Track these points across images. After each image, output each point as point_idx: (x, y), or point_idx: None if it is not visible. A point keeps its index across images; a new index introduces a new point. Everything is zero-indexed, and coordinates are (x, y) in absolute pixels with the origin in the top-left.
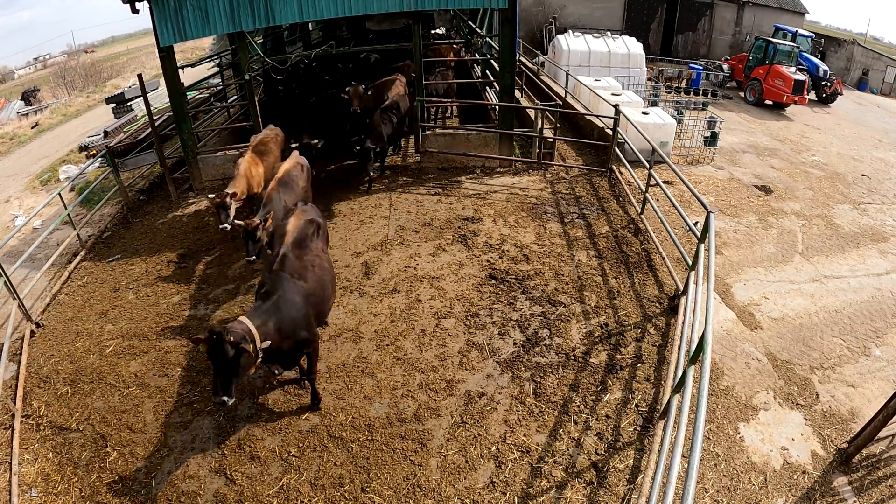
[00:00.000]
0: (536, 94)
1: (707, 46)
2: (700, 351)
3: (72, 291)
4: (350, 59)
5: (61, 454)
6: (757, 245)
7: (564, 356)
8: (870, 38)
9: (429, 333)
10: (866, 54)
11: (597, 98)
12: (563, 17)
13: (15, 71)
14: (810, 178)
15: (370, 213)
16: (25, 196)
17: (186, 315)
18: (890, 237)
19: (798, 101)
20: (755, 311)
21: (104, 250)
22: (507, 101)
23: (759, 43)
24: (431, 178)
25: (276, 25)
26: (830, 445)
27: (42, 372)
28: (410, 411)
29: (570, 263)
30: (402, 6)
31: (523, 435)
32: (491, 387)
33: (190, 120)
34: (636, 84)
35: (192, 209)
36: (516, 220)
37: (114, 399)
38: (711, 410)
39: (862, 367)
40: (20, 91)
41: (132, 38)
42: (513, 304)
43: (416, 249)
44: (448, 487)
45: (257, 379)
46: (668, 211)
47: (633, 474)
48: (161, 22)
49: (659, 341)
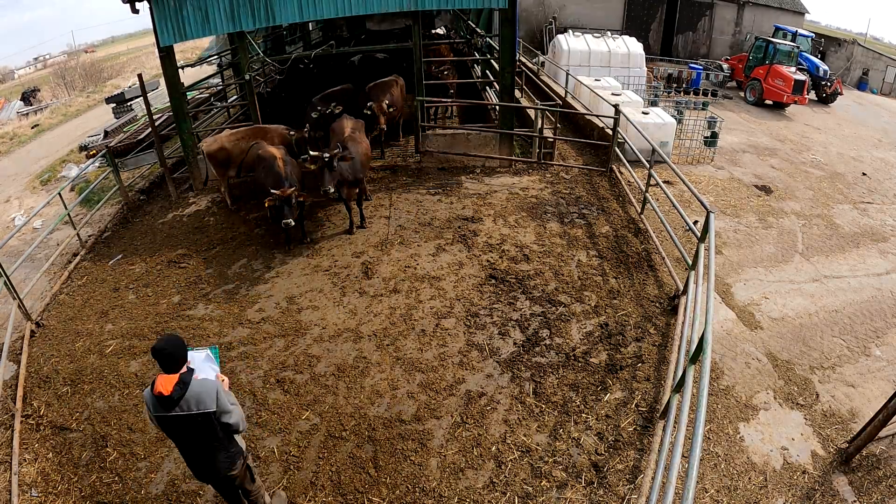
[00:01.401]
0: (536, 94)
1: (707, 46)
2: (700, 351)
3: (72, 291)
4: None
5: (61, 454)
6: (757, 245)
7: (564, 356)
8: (870, 37)
9: (429, 333)
10: (866, 54)
11: (597, 98)
12: (563, 16)
13: (15, 71)
14: (810, 177)
15: (370, 213)
16: (25, 196)
17: (186, 315)
18: (890, 237)
19: (798, 101)
20: (755, 311)
21: (104, 250)
22: (507, 101)
23: (759, 43)
24: (431, 178)
25: (276, 25)
26: (830, 445)
27: (42, 372)
28: (411, 411)
29: (571, 263)
30: (402, 6)
31: (523, 435)
32: (491, 387)
33: (190, 120)
34: (636, 84)
35: (192, 209)
36: (516, 219)
37: (114, 399)
38: (711, 410)
39: (862, 366)
40: (20, 91)
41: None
42: (513, 304)
43: (416, 249)
44: (448, 487)
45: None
46: (668, 211)
47: (633, 474)
48: (161, 22)
49: (659, 341)
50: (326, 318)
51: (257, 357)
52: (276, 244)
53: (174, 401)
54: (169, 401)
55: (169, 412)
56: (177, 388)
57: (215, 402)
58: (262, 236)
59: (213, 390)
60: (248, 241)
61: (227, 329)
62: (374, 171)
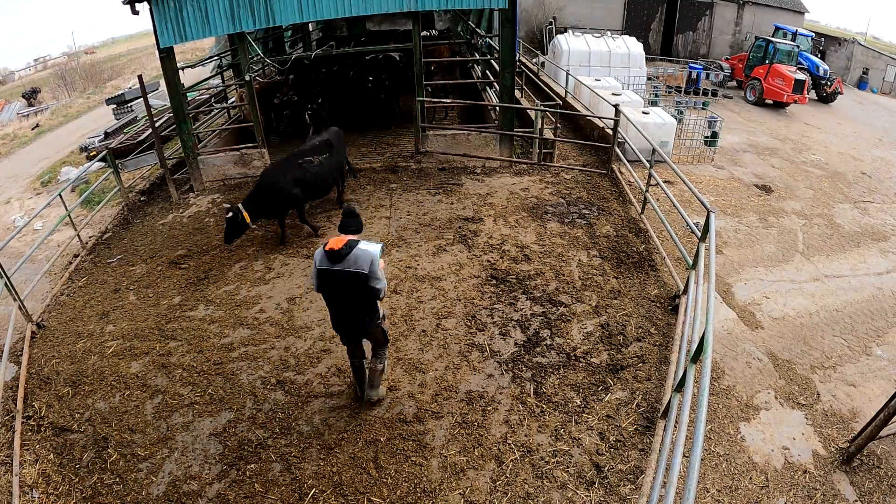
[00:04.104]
0: (536, 94)
1: (707, 46)
2: (701, 350)
3: (72, 292)
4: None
5: (62, 455)
6: (757, 244)
7: (565, 356)
8: (870, 37)
9: (429, 334)
10: (866, 53)
11: (597, 98)
12: (563, 17)
13: (15, 72)
14: (811, 177)
15: (370, 214)
16: (26, 197)
17: (187, 316)
18: (890, 236)
19: (798, 101)
20: (756, 311)
21: (105, 251)
22: (508, 101)
23: (760, 42)
24: (432, 178)
25: (276, 26)
26: (832, 445)
27: (43, 373)
28: (411, 412)
29: (571, 263)
30: (402, 6)
31: (524, 435)
32: (492, 387)
33: (190, 121)
34: (636, 84)
35: (193, 210)
36: (517, 220)
37: (115, 400)
38: (712, 410)
39: (863, 366)
40: (20, 92)
41: (132, 39)
42: (514, 304)
43: (416, 250)
44: (449, 488)
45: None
46: (668, 210)
47: (634, 474)
48: (161, 23)
49: (660, 341)
50: (327, 318)
51: (258, 358)
52: (276, 245)
53: (342, 255)
54: (337, 255)
55: (333, 266)
56: (345, 246)
57: (368, 267)
58: (262, 237)
59: (369, 258)
60: (248, 242)
61: (227, 330)
62: (374, 170)
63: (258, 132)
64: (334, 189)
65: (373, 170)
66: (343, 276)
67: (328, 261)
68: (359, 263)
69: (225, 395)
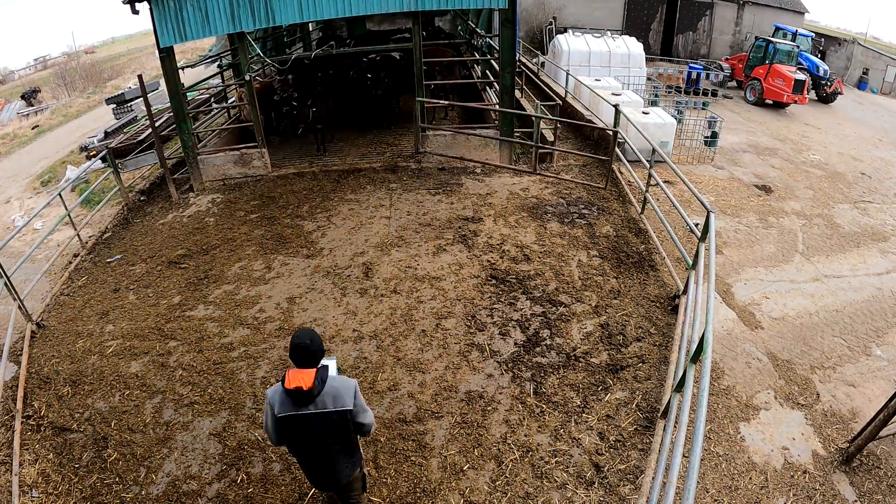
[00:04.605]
0: (536, 94)
1: (707, 46)
2: (700, 350)
3: (72, 292)
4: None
5: (62, 455)
6: (757, 245)
7: (565, 356)
8: (870, 37)
9: (429, 334)
10: (866, 53)
11: (597, 98)
12: (563, 17)
13: (15, 72)
14: (811, 177)
15: (370, 214)
16: (26, 197)
17: (187, 316)
18: (890, 236)
19: (798, 101)
20: (756, 311)
21: (105, 251)
22: (508, 102)
23: (760, 42)
24: (432, 178)
25: (276, 26)
26: (831, 445)
27: (43, 372)
28: (411, 412)
29: (571, 263)
30: (402, 6)
31: (524, 435)
32: (492, 387)
33: (190, 120)
34: (636, 84)
35: (193, 210)
36: (517, 220)
37: (114, 399)
38: (712, 410)
39: (863, 366)
40: (20, 92)
41: (132, 39)
42: (513, 304)
43: (416, 249)
44: (449, 488)
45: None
46: (668, 211)
47: (634, 474)
48: (161, 23)
49: (659, 341)
50: (327, 318)
51: (258, 358)
52: (276, 245)
53: (313, 396)
54: (308, 395)
55: (302, 409)
56: (316, 381)
57: (353, 400)
58: (262, 236)
59: (351, 388)
60: (248, 242)
61: (227, 330)
62: (374, 170)
63: (258, 132)
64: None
65: (373, 169)
66: (319, 421)
67: (293, 404)
68: (339, 400)
69: (225, 394)
